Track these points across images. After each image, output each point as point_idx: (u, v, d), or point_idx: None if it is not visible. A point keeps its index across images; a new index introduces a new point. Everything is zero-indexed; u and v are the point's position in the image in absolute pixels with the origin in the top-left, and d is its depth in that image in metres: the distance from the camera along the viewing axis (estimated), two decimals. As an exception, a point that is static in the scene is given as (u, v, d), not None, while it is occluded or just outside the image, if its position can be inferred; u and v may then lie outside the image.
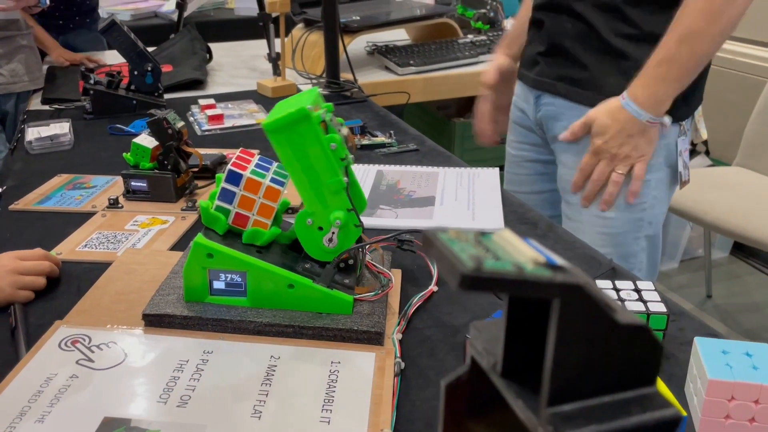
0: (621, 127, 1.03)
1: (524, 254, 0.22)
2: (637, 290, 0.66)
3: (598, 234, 1.11)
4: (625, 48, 1.06)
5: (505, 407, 0.25)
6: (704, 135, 1.17)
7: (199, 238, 0.67)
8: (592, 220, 1.11)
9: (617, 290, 0.66)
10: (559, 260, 0.22)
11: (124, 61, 1.42)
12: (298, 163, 0.65)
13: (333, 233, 0.67)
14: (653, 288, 0.67)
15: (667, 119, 1.03)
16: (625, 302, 0.63)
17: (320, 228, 0.67)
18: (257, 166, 0.69)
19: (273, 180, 0.68)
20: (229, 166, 0.67)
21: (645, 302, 0.64)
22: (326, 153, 0.64)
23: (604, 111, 1.05)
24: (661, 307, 0.63)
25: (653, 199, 1.10)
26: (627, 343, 0.22)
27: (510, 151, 1.35)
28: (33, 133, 1.23)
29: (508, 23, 2.24)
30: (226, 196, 0.67)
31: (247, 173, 0.67)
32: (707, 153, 2.21)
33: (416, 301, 0.72)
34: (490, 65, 1.34)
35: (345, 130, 0.68)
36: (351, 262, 0.70)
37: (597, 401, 0.23)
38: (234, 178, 0.67)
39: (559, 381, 0.22)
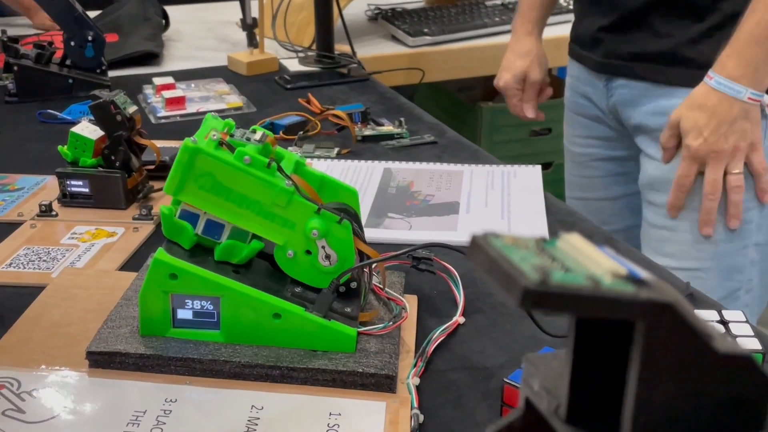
0: (718, 115, 1.03)
1: (600, 265, 0.22)
2: (723, 321, 0.67)
3: (692, 244, 1.11)
4: (719, 4, 1.08)
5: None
6: None
7: (160, 253, 0.67)
8: (685, 225, 1.11)
9: (698, 321, 0.67)
10: (643, 273, 0.23)
11: (58, 28, 1.44)
12: (229, 202, 0.67)
13: (323, 248, 0.68)
14: (744, 319, 0.68)
15: None
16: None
17: (308, 252, 0.69)
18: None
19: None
20: None
21: (734, 337, 0.65)
22: (246, 172, 0.67)
23: (687, 104, 1.06)
24: (754, 344, 0.64)
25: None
26: (728, 378, 0.23)
27: (571, 148, 1.35)
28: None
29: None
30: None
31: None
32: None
33: (437, 335, 0.72)
34: (506, 68, 1.35)
35: (258, 135, 0.70)
36: (354, 285, 0.71)
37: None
38: None
39: (642, 426, 0.22)
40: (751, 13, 1.01)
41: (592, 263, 0.23)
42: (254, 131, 0.71)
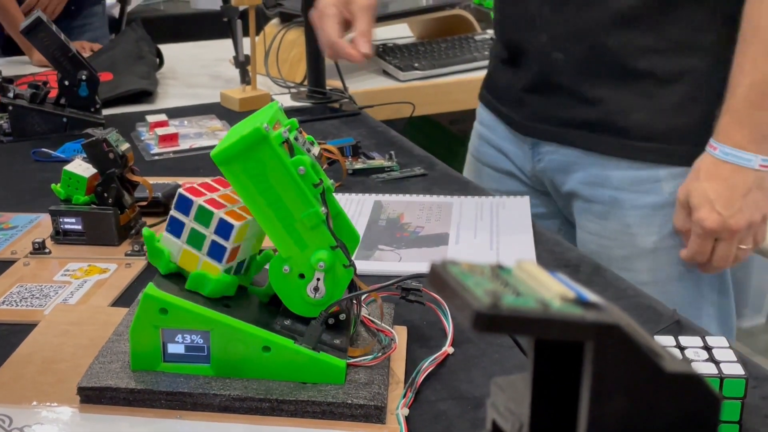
0: (732, 187, 0.97)
1: (550, 289, 0.24)
2: (707, 347, 0.68)
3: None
4: (650, 65, 1.04)
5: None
6: None
7: (150, 288, 0.68)
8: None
9: (681, 348, 0.68)
10: (591, 296, 0.24)
11: (52, 68, 1.46)
12: (262, 197, 0.67)
13: (318, 280, 0.69)
14: (727, 345, 0.69)
15: None
16: (691, 363, 0.65)
17: (301, 276, 0.69)
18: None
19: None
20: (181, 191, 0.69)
21: (717, 363, 0.66)
22: (294, 180, 0.67)
23: (693, 177, 1.00)
24: (737, 369, 0.65)
25: None
26: (677, 397, 0.24)
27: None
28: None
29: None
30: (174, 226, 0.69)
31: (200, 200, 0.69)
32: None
33: (426, 366, 0.73)
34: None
35: (316, 150, 0.71)
36: (343, 317, 0.71)
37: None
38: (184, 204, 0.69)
39: (596, 443, 0.23)
40: (740, 74, 0.96)
41: (544, 288, 0.24)
42: (313, 143, 0.72)
